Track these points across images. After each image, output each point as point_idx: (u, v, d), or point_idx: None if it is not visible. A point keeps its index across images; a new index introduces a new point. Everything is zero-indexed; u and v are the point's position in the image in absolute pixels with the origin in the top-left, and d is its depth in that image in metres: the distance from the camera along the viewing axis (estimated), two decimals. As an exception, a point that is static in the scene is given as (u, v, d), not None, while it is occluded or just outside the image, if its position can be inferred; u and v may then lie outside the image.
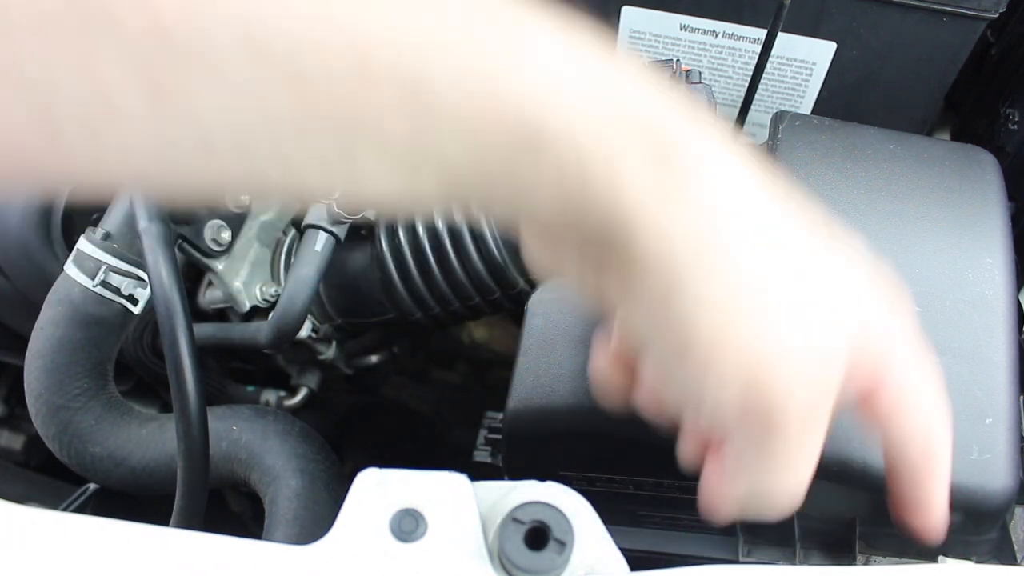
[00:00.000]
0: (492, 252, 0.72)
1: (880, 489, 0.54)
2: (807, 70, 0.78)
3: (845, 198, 0.58)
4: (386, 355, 0.90)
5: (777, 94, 0.81)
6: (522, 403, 0.62)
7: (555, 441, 0.61)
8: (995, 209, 0.58)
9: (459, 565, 0.39)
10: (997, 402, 0.53)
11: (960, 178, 0.59)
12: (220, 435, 0.70)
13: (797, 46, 0.76)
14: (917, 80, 0.76)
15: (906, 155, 0.60)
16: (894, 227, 0.57)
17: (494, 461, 0.84)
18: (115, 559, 0.38)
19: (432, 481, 0.42)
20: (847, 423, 0.54)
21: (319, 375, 0.85)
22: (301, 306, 0.65)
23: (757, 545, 0.63)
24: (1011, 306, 0.55)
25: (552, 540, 0.39)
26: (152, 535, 0.39)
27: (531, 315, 0.62)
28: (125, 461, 0.71)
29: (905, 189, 0.59)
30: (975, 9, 0.69)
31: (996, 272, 0.56)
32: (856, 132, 0.62)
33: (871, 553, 0.60)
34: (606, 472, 0.62)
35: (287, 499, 0.67)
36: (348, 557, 0.39)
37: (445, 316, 0.78)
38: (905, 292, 0.42)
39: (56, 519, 0.40)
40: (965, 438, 0.53)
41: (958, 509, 0.54)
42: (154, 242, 0.62)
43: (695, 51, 0.79)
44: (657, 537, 0.66)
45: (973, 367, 0.54)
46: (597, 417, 0.59)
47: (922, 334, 0.54)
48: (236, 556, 0.39)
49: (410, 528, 0.40)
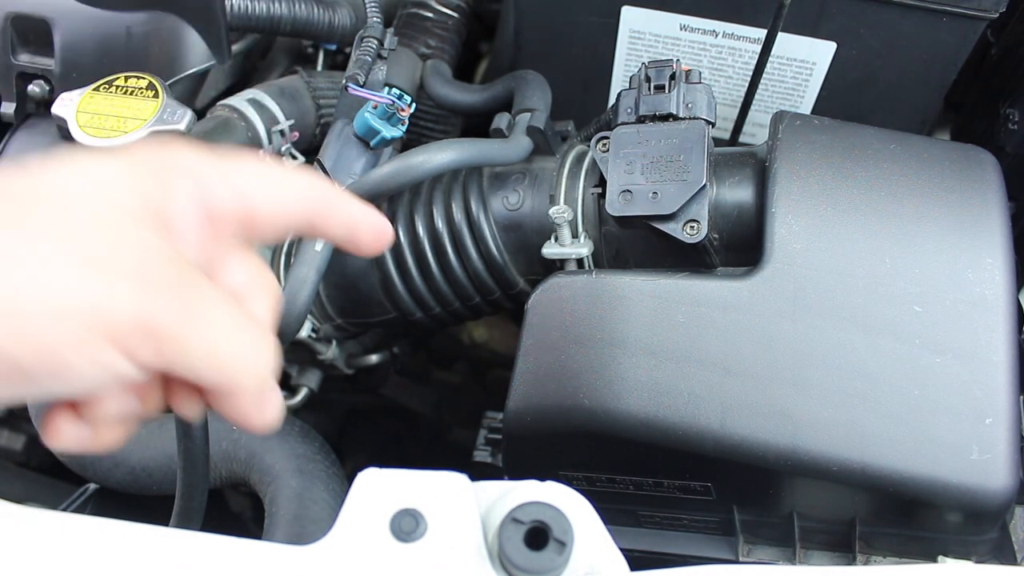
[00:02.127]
0: (492, 252, 0.72)
1: (880, 489, 0.54)
2: (807, 70, 0.78)
3: (845, 198, 0.58)
4: (386, 355, 0.90)
5: (777, 94, 0.81)
6: (522, 403, 0.62)
7: (555, 441, 0.61)
8: (995, 209, 0.58)
9: (459, 565, 0.39)
10: (997, 402, 0.53)
11: (960, 178, 0.59)
12: (220, 435, 0.70)
13: (797, 46, 0.76)
14: (917, 80, 0.76)
15: (906, 155, 0.60)
16: (894, 227, 0.57)
17: (494, 461, 0.84)
18: (115, 559, 0.38)
19: (432, 481, 0.42)
20: (851, 425, 0.54)
21: (319, 375, 0.85)
22: (301, 306, 0.65)
23: (757, 545, 0.63)
24: (1011, 306, 0.55)
25: (552, 540, 0.39)
26: (152, 535, 0.39)
27: (531, 315, 0.62)
28: (124, 461, 0.71)
29: (905, 189, 0.59)
30: (975, 9, 0.70)
31: (996, 272, 0.56)
32: (856, 132, 0.62)
33: (871, 553, 0.60)
34: (606, 472, 0.62)
35: (287, 499, 0.67)
36: (348, 557, 0.39)
37: (445, 316, 0.78)
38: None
39: (56, 519, 0.40)
40: (965, 438, 0.53)
41: (958, 509, 0.54)
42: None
43: (695, 51, 0.79)
44: (657, 537, 0.66)
45: (973, 367, 0.54)
46: (597, 417, 0.59)
47: (921, 334, 0.55)
48: (236, 556, 0.39)
49: (410, 528, 0.40)
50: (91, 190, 0.37)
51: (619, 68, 0.83)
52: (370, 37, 0.77)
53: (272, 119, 0.79)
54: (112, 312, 0.35)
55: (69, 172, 0.38)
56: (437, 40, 0.87)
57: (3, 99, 0.77)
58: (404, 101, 0.75)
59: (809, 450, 0.54)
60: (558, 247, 0.67)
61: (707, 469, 0.58)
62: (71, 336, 0.34)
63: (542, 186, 0.71)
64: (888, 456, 0.53)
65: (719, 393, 0.56)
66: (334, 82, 0.86)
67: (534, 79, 0.78)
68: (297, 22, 0.83)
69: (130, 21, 0.74)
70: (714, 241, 0.62)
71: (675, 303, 0.58)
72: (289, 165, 0.48)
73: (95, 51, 0.74)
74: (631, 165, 0.61)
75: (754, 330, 0.56)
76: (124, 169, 0.39)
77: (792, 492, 0.58)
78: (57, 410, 0.39)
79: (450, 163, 0.67)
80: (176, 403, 0.41)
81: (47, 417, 0.39)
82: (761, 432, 0.55)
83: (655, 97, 0.63)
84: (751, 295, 0.57)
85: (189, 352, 0.37)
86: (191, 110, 0.65)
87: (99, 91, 0.66)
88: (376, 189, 0.67)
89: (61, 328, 0.34)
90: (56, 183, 0.37)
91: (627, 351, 0.58)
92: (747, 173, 0.63)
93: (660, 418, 0.57)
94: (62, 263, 0.34)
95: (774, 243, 0.58)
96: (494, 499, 0.41)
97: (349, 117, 0.75)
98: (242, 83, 0.91)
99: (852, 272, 0.56)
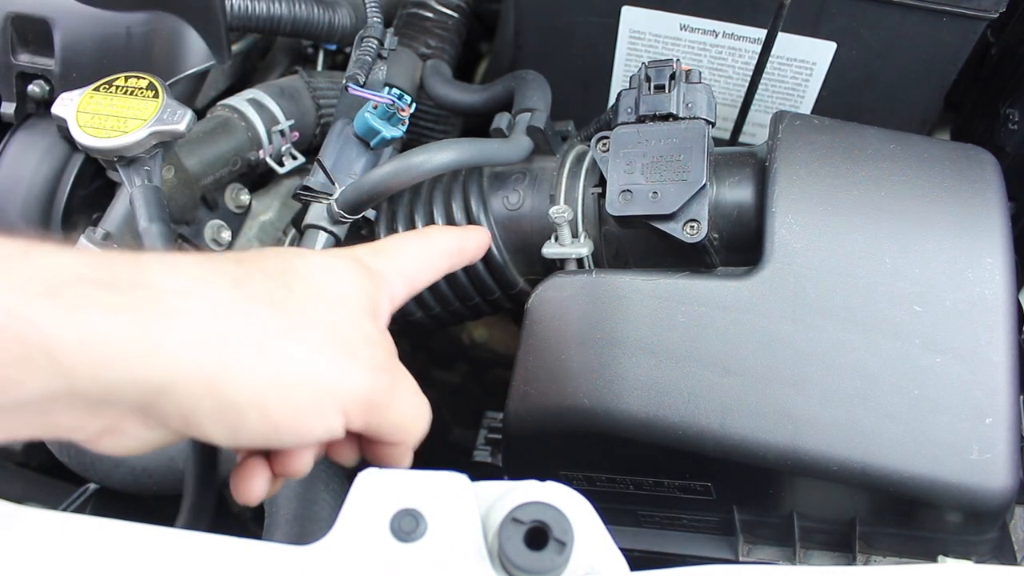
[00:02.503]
0: (492, 252, 0.72)
1: (880, 489, 0.54)
2: (807, 70, 0.78)
3: (845, 198, 0.58)
4: (386, 355, 0.90)
5: (777, 94, 0.81)
6: (522, 403, 0.62)
7: (555, 441, 0.61)
8: (995, 209, 0.58)
9: (459, 565, 0.39)
10: (997, 402, 0.53)
11: (960, 178, 0.59)
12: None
13: (797, 46, 0.76)
14: (917, 80, 0.76)
15: (906, 155, 0.60)
16: (894, 227, 0.57)
17: (494, 461, 0.84)
18: (115, 559, 0.38)
19: (432, 481, 0.42)
20: (851, 425, 0.54)
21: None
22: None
23: (757, 545, 0.63)
24: (1011, 306, 0.55)
25: (552, 540, 0.39)
26: (152, 535, 0.39)
27: (531, 315, 0.62)
28: (124, 461, 0.71)
29: (905, 189, 0.59)
30: (975, 9, 0.70)
31: (996, 272, 0.56)
32: (856, 132, 0.62)
33: (871, 553, 0.60)
34: (606, 472, 0.62)
35: (287, 499, 0.67)
36: (348, 557, 0.39)
37: (445, 316, 0.78)
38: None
39: (56, 519, 0.40)
40: (965, 438, 0.53)
41: (958, 509, 0.54)
42: (154, 242, 0.62)
43: (695, 51, 0.79)
44: (657, 537, 0.66)
45: (973, 367, 0.54)
46: (597, 417, 0.59)
47: (920, 334, 0.55)
48: (236, 556, 0.39)
49: (410, 528, 0.40)
50: (334, 281, 0.46)
51: (619, 68, 0.83)
52: (370, 37, 0.77)
53: (272, 119, 0.79)
54: (351, 388, 0.43)
55: (314, 262, 0.46)
56: (437, 40, 0.87)
57: (3, 99, 0.77)
58: (404, 101, 0.75)
59: (809, 450, 0.54)
60: (558, 247, 0.67)
61: (707, 469, 0.58)
62: (321, 405, 0.42)
63: (542, 186, 0.71)
64: (888, 456, 0.53)
65: (719, 393, 0.56)
66: (334, 82, 0.86)
67: (534, 79, 0.78)
68: (297, 22, 0.83)
69: (130, 21, 0.74)
70: (714, 241, 0.62)
71: (675, 303, 0.58)
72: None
73: (95, 51, 0.74)
74: (631, 165, 0.61)
75: (754, 330, 0.56)
76: (351, 266, 0.48)
77: (792, 492, 0.58)
78: (256, 463, 0.47)
79: (450, 163, 0.67)
80: (338, 452, 0.50)
81: (244, 471, 0.46)
82: (761, 432, 0.55)
83: (655, 97, 0.63)
84: (751, 295, 0.57)
85: (388, 418, 0.45)
86: (191, 110, 0.65)
87: (99, 91, 0.66)
88: (376, 189, 0.67)
89: (315, 397, 0.42)
90: (309, 270, 0.46)
91: (627, 351, 0.58)
92: (747, 173, 0.63)
93: (660, 418, 0.57)
94: (321, 344, 0.42)
95: (774, 243, 0.58)
96: (494, 499, 0.41)
97: (349, 117, 0.75)
98: (242, 83, 0.91)
99: (852, 272, 0.56)
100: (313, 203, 0.71)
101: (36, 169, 0.74)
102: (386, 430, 0.46)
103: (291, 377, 0.41)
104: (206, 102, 0.85)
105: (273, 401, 0.40)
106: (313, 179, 0.71)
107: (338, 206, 0.69)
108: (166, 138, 0.64)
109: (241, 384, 0.39)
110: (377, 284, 0.49)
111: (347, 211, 0.69)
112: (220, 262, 0.43)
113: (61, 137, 0.74)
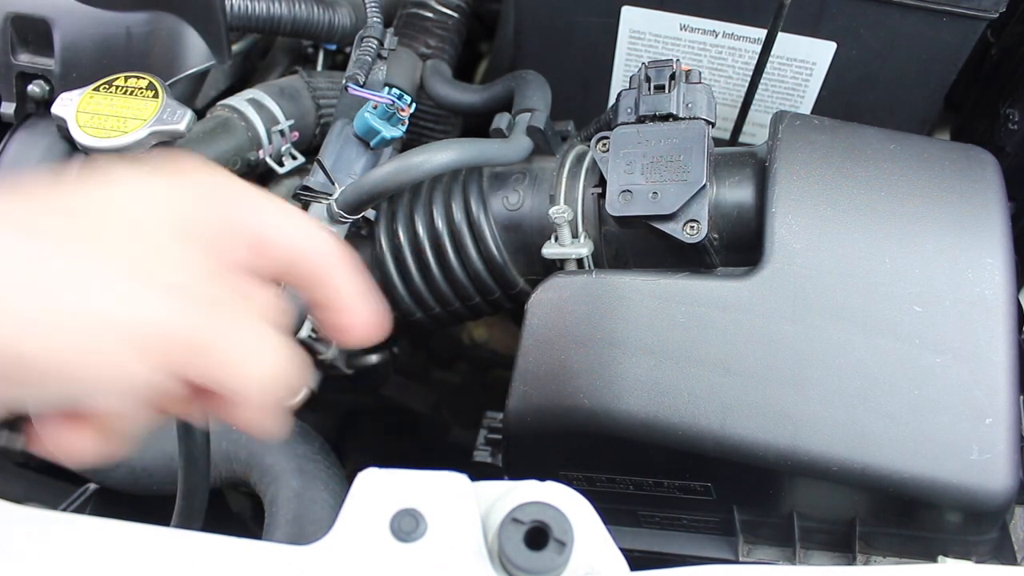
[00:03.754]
0: (492, 252, 0.72)
1: (880, 489, 0.54)
2: (807, 70, 0.78)
3: (845, 198, 0.58)
4: (386, 355, 0.90)
5: (777, 94, 0.81)
6: (522, 403, 0.62)
7: (555, 441, 0.61)
8: (995, 209, 0.58)
9: (459, 565, 0.39)
10: (997, 402, 0.53)
11: (960, 178, 0.59)
12: (220, 435, 0.70)
13: (797, 46, 0.76)
14: (917, 80, 0.76)
15: (906, 155, 0.60)
16: (894, 227, 0.57)
17: (494, 461, 0.84)
18: (115, 559, 0.38)
19: (432, 481, 0.42)
20: (851, 425, 0.54)
21: (319, 375, 0.85)
22: (300, 306, 0.65)
23: (757, 545, 0.63)
24: (1011, 306, 0.55)
25: (552, 540, 0.39)
26: (152, 535, 0.39)
27: (531, 315, 0.62)
28: (124, 461, 0.71)
29: (905, 189, 0.59)
30: (975, 9, 0.70)
31: (996, 272, 0.56)
32: (856, 132, 0.62)
33: (871, 553, 0.60)
34: (606, 472, 0.62)
35: (287, 499, 0.67)
36: (348, 557, 0.39)
37: (445, 316, 0.78)
38: None
39: (56, 519, 0.40)
40: (965, 438, 0.53)
41: (958, 509, 0.54)
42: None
43: (695, 51, 0.79)
44: (657, 537, 0.66)
45: (973, 367, 0.54)
46: (597, 417, 0.59)
47: (921, 334, 0.55)
48: (236, 556, 0.39)
49: (410, 528, 0.40)
50: (133, 202, 0.39)
51: (619, 68, 0.83)
52: (370, 37, 0.77)
53: (272, 119, 0.79)
54: (145, 325, 0.36)
55: (117, 185, 0.40)
56: (437, 40, 0.87)
57: (3, 99, 0.77)
58: (404, 101, 0.75)
59: (809, 450, 0.54)
60: (558, 247, 0.67)
61: (707, 469, 0.58)
62: (109, 348, 0.35)
63: (542, 186, 0.71)
64: (888, 456, 0.53)
65: (719, 393, 0.56)
66: (334, 82, 0.86)
67: (534, 79, 0.78)
68: (297, 22, 0.83)
69: (130, 21, 0.74)
70: (714, 241, 0.62)
71: (675, 303, 0.58)
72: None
73: (95, 51, 0.74)
74: (631, 165, 0.61)
75: (754, 330, 0.56)
76: (165, 185, 0.40)
77: (792, 492, 0.58)
78: (59, 420, 0.39)
79: (450, 163, 0.67)
80: (175, 408, 0.41)
81: (45, 424, 0.39)
82: (761, 432, 0.55)
83: (655, 97, 0.63)
84: (751, 295, 0.57)
85: (212, 361, 0.37)
86: (191, 110, 0.65)
87: (99, 91, 0.66)
88: (376, 189, 0.67)
89: (101, 339, 0.35)
90: (109, 197, 0.39)
91: (627, 351, 0.58)
92: (747, 173, 0.63)
93: (660, 418, 0.57)
94: (113, 277, 0.36)
95: (774, 243, 0.58)
96: (494, 499, 0.41)
97: (349, 117, 0.75)
98: (242, 83, 0.91)
99: (852, 272, 0.56)
100: (313, 203, 0.71)
101: (36, 169, 0.74)
102: (213, 377, 0.38)
103: (76, 319, 0.35)
104: (206, 102, 0.85)
105: (56, 350, 0.35)
106: (313, 179, 0.71)
107: (338, 206, 0.69)
108: (166, 138, 0.64)
109: (20, 333, 0.34)
110: (206, 202, 0.41)
111: (347, 211, 0.69)
112: (6, 201, 0.38)
113: (61, 137, 0.74)
